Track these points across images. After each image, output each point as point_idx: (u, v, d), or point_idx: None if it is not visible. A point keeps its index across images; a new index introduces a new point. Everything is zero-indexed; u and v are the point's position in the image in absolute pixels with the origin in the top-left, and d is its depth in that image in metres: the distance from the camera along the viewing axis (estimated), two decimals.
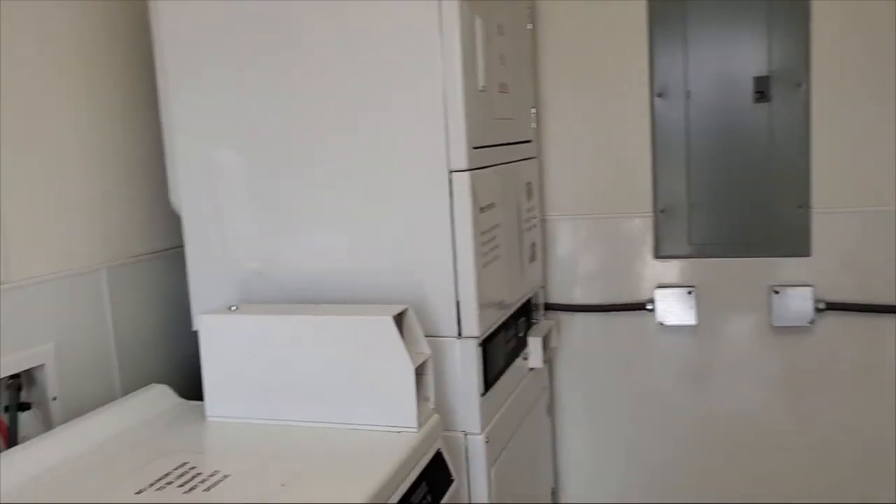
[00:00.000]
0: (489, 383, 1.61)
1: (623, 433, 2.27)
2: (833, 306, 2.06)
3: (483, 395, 1.57)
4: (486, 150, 1.61)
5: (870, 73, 2.00)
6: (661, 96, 2.14)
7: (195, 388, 1.51)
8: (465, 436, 1.55)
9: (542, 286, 2.17)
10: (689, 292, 2.14)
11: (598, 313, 2.24)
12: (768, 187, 2.09)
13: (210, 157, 1.65)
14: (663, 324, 2.16)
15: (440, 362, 1.53)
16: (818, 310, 2.07)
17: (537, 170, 2.12)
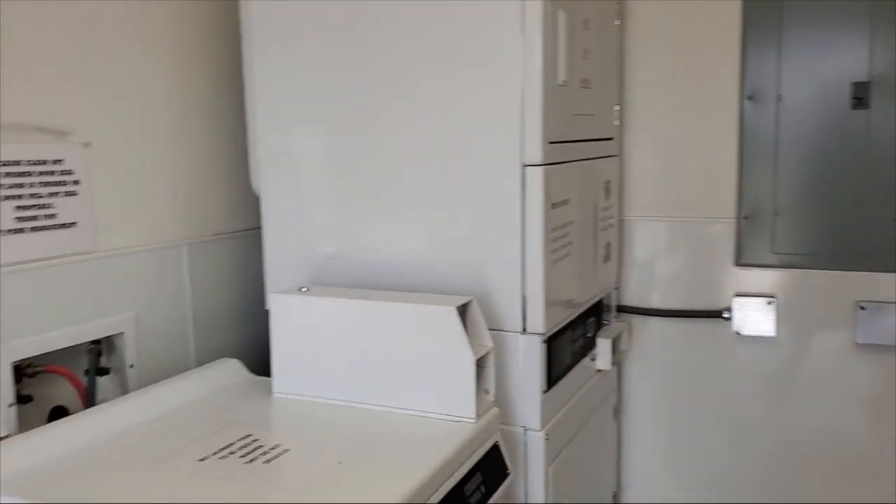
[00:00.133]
0: (552, 381, 1.59)
1: (692, 443, 2.22)
2: None
3: (545, 392, 1.55)
4: (563, 145, 1.60)
5: None
6: (751, 99, 2.07)
7: (264, 364, 1.55)
8: (524, 431, 1.55)
9: (615, 287, 2.13)
10: (770, 303, 2.07)
11: (673, 319, 2.19)
12: (861, 198, 2.00)
13: (290, 143, 1.69)
14: (740, 333, 2.09)
15: (503, 356, 1.52)
16: None
17: (617, 168, 2.09)
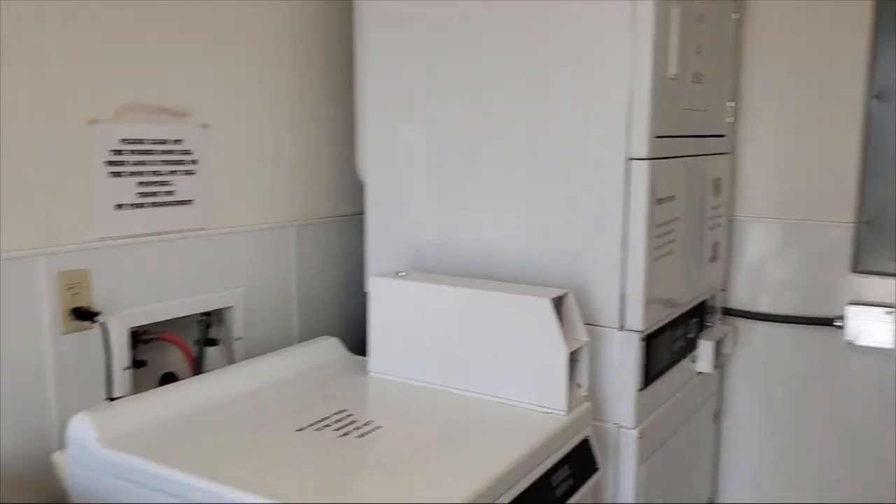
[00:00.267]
0: (649, 379, 1.56)
1: (799, 451, 2.12)
2: None
3: (640, 391, 1.53)
4: (671, 140, 1.56)
5: None
6: (879, 98, 1.95)
7: (361, 344, 1.60)
8: (617, 428, 1.53)
9: (721, 289, 2.07)
10: (889, 313, 1.95)
11: (781, 324, 2.10)
12: None
13: (397, 131, 1.73)
14: (853, 343, 1.99)
15: (599, 352, 1.51)
16: None
17: (729, 166, 2.02)
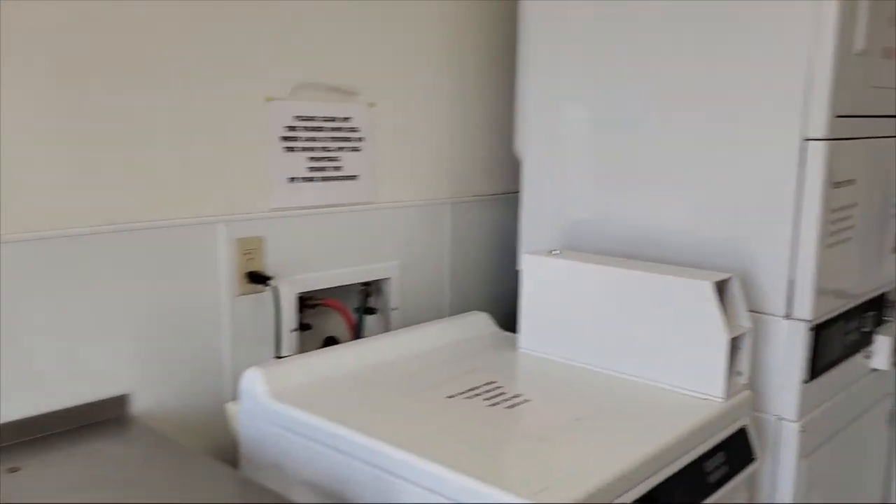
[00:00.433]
0: (816, 372, 1.47)
1: None
2: None
3: (806, 383, 1.44)
4: (855, 119, 1.45)
5: None
6: None
7: (510, 320, 1.61)
8: (778, 420, 1.45)
9: None
10: None
11: None
12: None
13: (557, 110, 1.71)
14: None
15: (762, 340, 1.44)
16: None
17: None
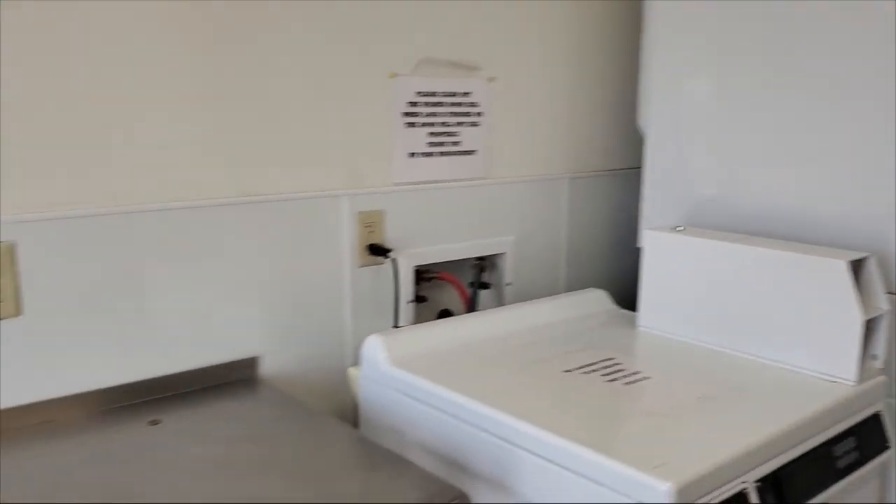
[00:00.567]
0: None
1: None
2: None
3: None
4: None
5: None
6: None
7: (627, 298, 1.59)
8: None
9: None
10: None
11: None
12: None
13: (682, 85, 1.66)
14: None
15: None
16: None
17: None
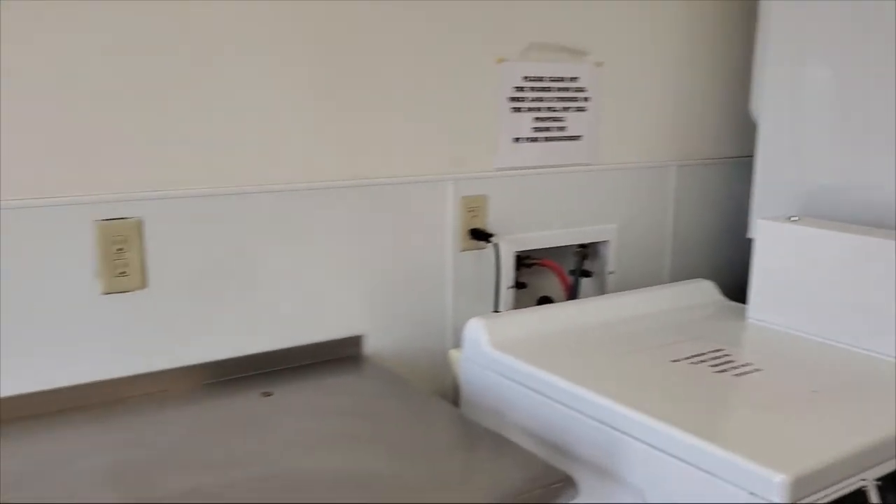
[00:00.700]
0: None
1: None
2: None
3: None
4: None
5: None
6: None
7: (734, 290, 1.54)
8: None
9: None
10: None
11: None
12: None
13: (799, 69, 1.59)
14: None
15: None
16: None
17: None
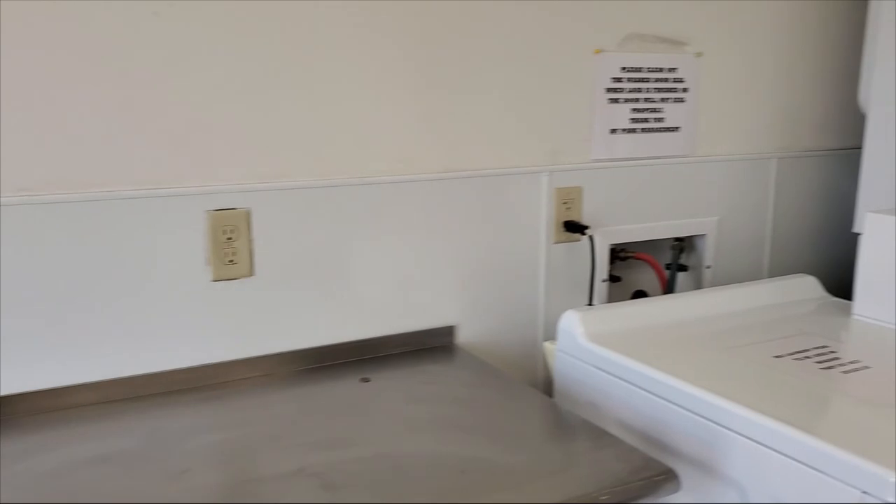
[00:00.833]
0: None
1: None
2: None
3: None
4: None
5: None
6: None
7: (837, 286, 1.50)
8: None
9: None
10: None
11: None
12: None
13: None
14: None
15: None
16: None
17: None
